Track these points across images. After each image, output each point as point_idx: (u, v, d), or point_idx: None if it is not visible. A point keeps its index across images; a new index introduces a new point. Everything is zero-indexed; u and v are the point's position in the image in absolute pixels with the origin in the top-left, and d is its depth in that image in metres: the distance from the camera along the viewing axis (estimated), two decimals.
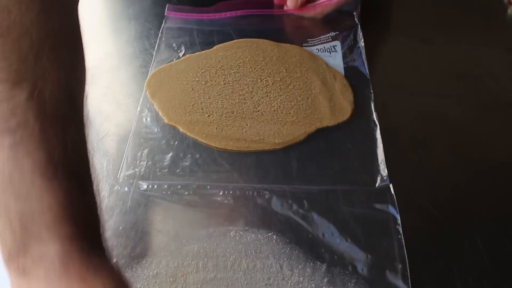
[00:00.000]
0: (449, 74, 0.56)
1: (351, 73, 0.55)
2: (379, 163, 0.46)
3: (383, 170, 0.45)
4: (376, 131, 0.49)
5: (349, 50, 0.57)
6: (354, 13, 0.61)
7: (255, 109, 0.51)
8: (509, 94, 0.54)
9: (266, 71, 0.55)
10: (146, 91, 0.54)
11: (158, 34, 0.61)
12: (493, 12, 0.65)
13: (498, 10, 0.65)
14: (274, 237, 0.40)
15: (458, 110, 0.52)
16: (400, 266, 0.38)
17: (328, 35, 0.59)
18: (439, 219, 0.42)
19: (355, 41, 0.58)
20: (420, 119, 0.51)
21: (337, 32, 0.59)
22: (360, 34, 0.59)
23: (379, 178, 0.45)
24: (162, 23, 0.62)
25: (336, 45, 0.58)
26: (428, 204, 0.43)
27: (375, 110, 0.51)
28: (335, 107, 0.52)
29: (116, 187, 0.45)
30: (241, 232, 0.41)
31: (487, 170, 0.46)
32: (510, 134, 0.50)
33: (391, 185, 0.44)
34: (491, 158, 0.47)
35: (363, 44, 0.58)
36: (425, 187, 0.45)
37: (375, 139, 0.48)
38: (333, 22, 0.60)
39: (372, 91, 0.53)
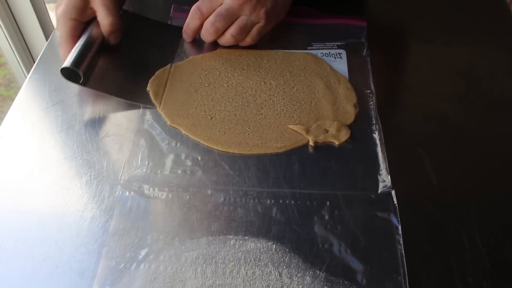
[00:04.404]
0: (449, 74, 0.56)
1: (355, 77, 0.55)
2: (382, 168, 0.46)
3: (386, 176, 0.45)
4: (379, 135, 0.49)
5: (354, 61, 0.57)
6: (363, 39, 0.60)
7: (258, 112, 0.51)
8: (509, 94, 0.54)
9: (269, 74, 0.55)
10: (149, 91, 0.53)
11: None
12: (493, 12, 0.65)
13: (498, 10, 0.65)
14: (274, 246, 0.40)
15: (458, 110, 0.52)
16: (399, 277, 0.38)
17: (334, 43, 0.59)
18: (439, 219, 0.42)
19: (362, 55, 0.58)
20: (420, 119, 0.51)
21: (343, 43, 0.59)
22: (367, 51, 0.58)
23: (381, 184, 0.45)
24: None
25: (341, 53, 0.58)
26: (428, 204, 0.43)
27: (378, 114, 0.51)
28: (338, 111, 0.51)
29: (117, 187, 0.44)
30: (240, 241, 0.40)
31: (487, 170, 0.46)
32: (510, 134, 0.50)
33: (393, 192, 0.44)
34: (491, 158, 0.47)
35: (369, 59, 0.57)
36: (425, 187, 0.45)
37: (378, 144, 0.48)
38: (340, 35, 0.60)
39: (374, 94, 0.53)
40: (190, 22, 0.57)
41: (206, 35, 0.56)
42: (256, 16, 0.54)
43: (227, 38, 0.56)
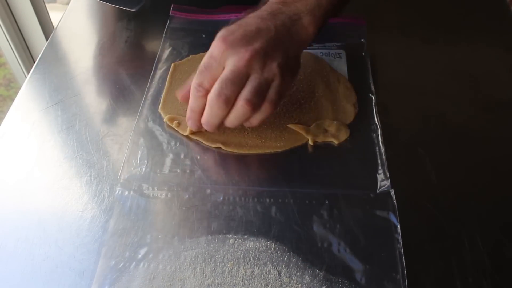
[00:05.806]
0: (449, 74, 0.56)
1: (355, 76, 0.55)
2: (381, 168, 0.46)
3: (385, 175, 0.45)
4: (378, 134, 0.49)
5: (354, 61, 0.57)
6: (362, 39, 0.60)
7: None
8: (509, 94, 0.54)
9: None
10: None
11: (158, 34, 0.61)
12: (493, 12, 0.65)
13: (498, 10, 0.65)
14: (273, 245, 0.40)
15: (458, 110, 0.52)
16: (398, 276, 0.38)
17: (334, 43, 0.59)
18: (439, 219, 0.42)
19: (361, 55, 0.58)
20: (420, 119, 0.51)
21: (343, 43, 0.59)
22: (366, 51, 0.58)
23: (380, 183, 0.45)
24: (162, 22, 0.62)
25: (341, 53, 0.58)
26: (428, 204, 0.43)
27: (377, 113, 0.51)
28: (338, 110, 0.51)
29: (117, 187, 0.44)
30: (240, 240, 0.40)
31: (487, 170, 0.46)
32: (510, 134, 0.50)
33: (392, 191, 0.44)
34: (491, 158, 0.47)
35: (368, 59, 0.57)
36: (425, 187, 0.45)
37: (377, 143, 0.48)
38: (340, 36, 0.60)
39: (374, 93, 0.53)
40: (194, 104, 0.45)
41: (214, 109, 0.43)
42: (269, 72, 0.43)
43: (241, 108, 0.42)
